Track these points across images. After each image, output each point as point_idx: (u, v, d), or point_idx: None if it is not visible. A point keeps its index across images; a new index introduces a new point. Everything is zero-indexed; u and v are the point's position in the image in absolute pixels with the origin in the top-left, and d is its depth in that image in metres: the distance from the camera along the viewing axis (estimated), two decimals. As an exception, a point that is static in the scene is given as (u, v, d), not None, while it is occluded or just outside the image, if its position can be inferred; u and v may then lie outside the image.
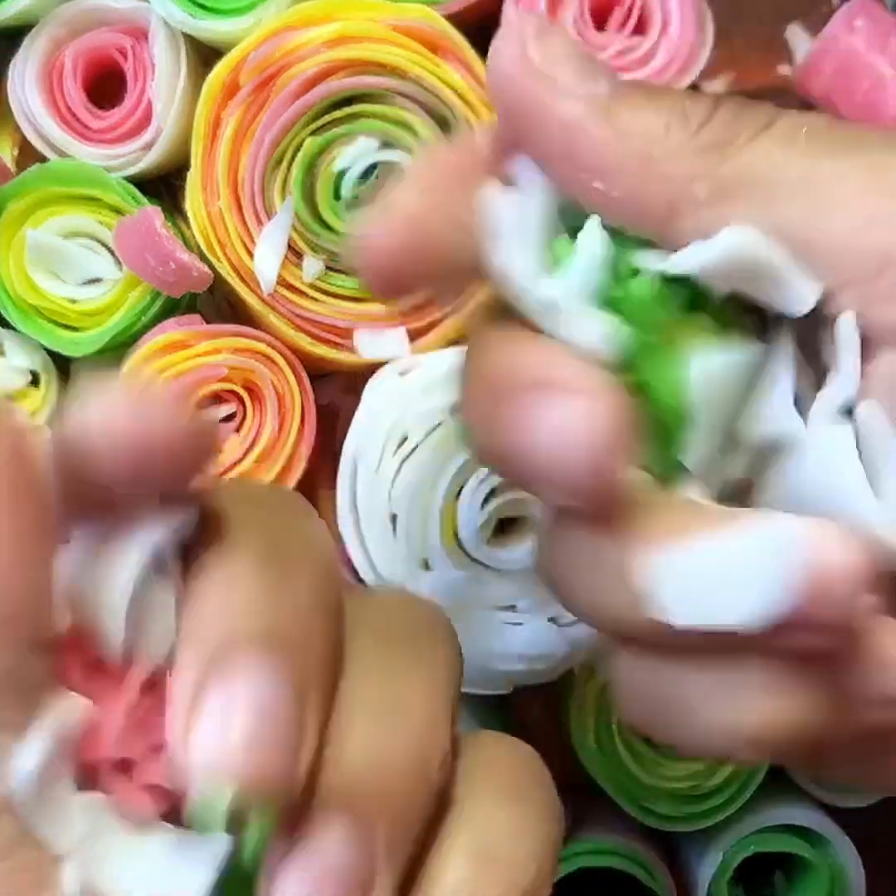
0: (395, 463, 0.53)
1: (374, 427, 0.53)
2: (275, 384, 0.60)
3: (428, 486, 0.53)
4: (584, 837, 0.60)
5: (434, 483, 0.53)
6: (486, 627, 0.54)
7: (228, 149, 0.57)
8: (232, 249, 0.58)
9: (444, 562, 0.53)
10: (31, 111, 0.61)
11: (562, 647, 0.53)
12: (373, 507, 0.53)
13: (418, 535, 0.53)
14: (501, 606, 0.55)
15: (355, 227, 0.48)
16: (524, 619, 0.54)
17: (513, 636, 0.54)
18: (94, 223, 0.61)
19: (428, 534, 0.53)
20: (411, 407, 0.53)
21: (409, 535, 0.53)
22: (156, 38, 0.61)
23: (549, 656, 0.53)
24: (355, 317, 0.58)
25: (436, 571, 0.53)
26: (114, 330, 0.60)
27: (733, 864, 0.60)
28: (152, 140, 0.61)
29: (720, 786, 0.59)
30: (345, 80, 0.56)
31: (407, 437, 0.53)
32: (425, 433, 0.53)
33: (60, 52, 0.62)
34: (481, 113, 0.57)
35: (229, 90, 0.57)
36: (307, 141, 0.56)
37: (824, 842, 0.60)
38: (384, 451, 0.53)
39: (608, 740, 0.59)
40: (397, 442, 0.53)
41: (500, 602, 0.54)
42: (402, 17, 0.56)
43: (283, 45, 0.56)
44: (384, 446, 0.53)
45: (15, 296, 0.61)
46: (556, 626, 0.54)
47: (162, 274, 0.59)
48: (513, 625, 0.54)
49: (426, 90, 0.57)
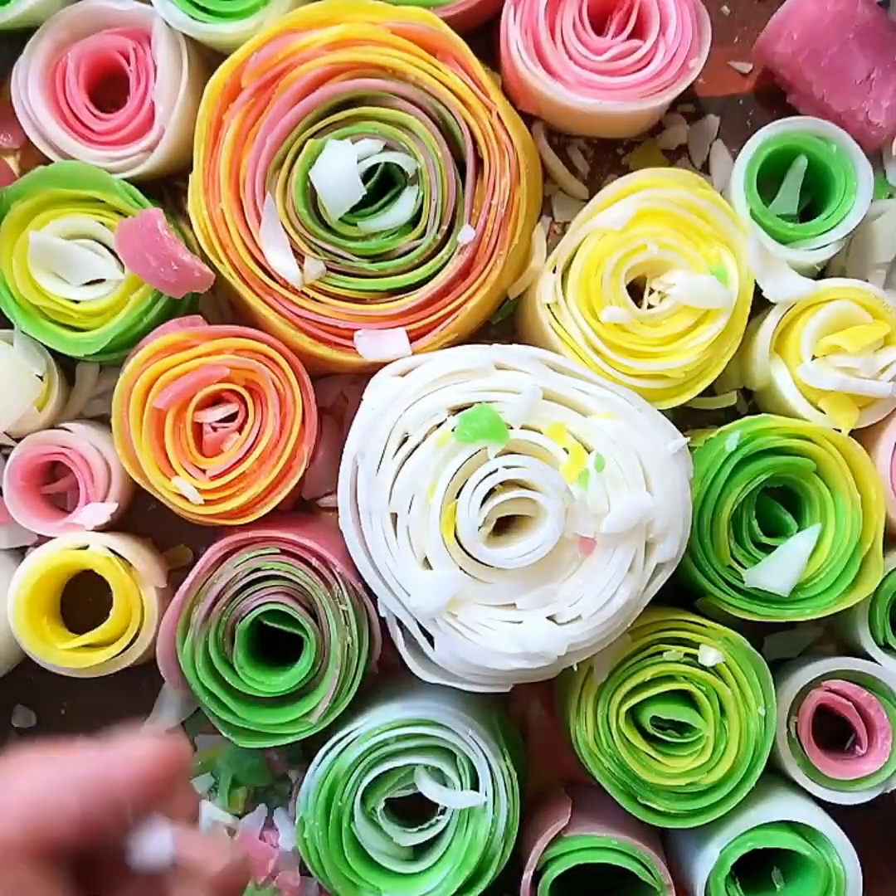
0: (395, 463, 0.54)
1: (375, 428, 0.54)
2: (276, 384, 0.60)
3: (428, 486, 0.53)
4: (582, 834, 0.61)
5: (434, 482, 0.53)
6: (486, 626, 0.55)
7: (230, 151, 0.57)
8: (234, 250, 0.58)
9: (445, 560, 0.54)
10: (34, 113, 0.62)
11: (561, 645, 0.54)
12: (374, 506, 0.54)
13: (418, 533, 0.54)
14: (501, 605, 0.55)
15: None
16: (524, 617, 0.54)
17: (512, 634, 0.54)
18: (97, 225, 0.61)
19: (428, 532, 0.54)
20: (411, 407, 0.54)
21: (409, 533, 0.54)
22: (158, 40, 0.62)
23: (549, 654, 0.54)
24: (356, 317, 0.59)
25: (436, 570, 0.54)
26: (116, 330, 0.61)
27: (731, 861, 0.60)
28: (154, 142, 0.62)
29: (717, 783, 0.60)
30: (345, 83, 0.56)
31: (407, 436, 0.54)
32: (425, 433, 0.53)
33: (63, 55, 0.62)
34: (480, 114, 0.57)
35: (231, 93, 0.57)
36: (308, 143, 0.57)
37: (821, 838, 0.60)
38: (385, 452, 0.54)
39: (607, 738, 0.59)
40: (398, 442, 0.54)
41: (500, 600, 0.55)
42: (402, 20, 0.56)
43: (285, 49, 0.56)
44: (385, 447, 0.54)
45: (18, 296, 0.61)
46: (556, 623, 0.54)
47: (163, 275, 0.59)
48: (512, 623, 0.55)
49: (426, 92, 0.57)
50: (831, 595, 0.59)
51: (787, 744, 0.62)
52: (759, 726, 0.59)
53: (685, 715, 0.59)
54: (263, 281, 0.58)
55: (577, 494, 0.53)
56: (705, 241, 0.59)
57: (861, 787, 0.62)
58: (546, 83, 0.59)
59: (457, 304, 0.59)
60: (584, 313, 0.59)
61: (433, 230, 0.58)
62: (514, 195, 0.58)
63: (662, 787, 0.59)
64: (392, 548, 0.54)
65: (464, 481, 0.53)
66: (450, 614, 0.54)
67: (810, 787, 0.62)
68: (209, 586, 0.59)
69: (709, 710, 0.59)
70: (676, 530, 0.54)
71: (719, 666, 0.59)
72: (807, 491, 0.59)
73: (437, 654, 0.55)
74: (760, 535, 0.59)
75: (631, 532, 0.53)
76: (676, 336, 0.59)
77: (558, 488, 0.53)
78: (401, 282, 0.58)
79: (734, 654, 0.59)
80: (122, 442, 0.60)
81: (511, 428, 0.53)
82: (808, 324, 0.60)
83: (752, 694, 0.59)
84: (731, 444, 0.58)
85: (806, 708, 0.62)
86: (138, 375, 0.59)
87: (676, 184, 0.60)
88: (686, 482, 0.55)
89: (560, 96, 0.59)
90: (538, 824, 0.62)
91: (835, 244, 0.62)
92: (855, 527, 0.59)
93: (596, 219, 0.59)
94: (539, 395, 0.53)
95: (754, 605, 0.59)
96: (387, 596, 0.55)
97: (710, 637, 0.59)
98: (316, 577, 0.59)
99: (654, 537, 0.54)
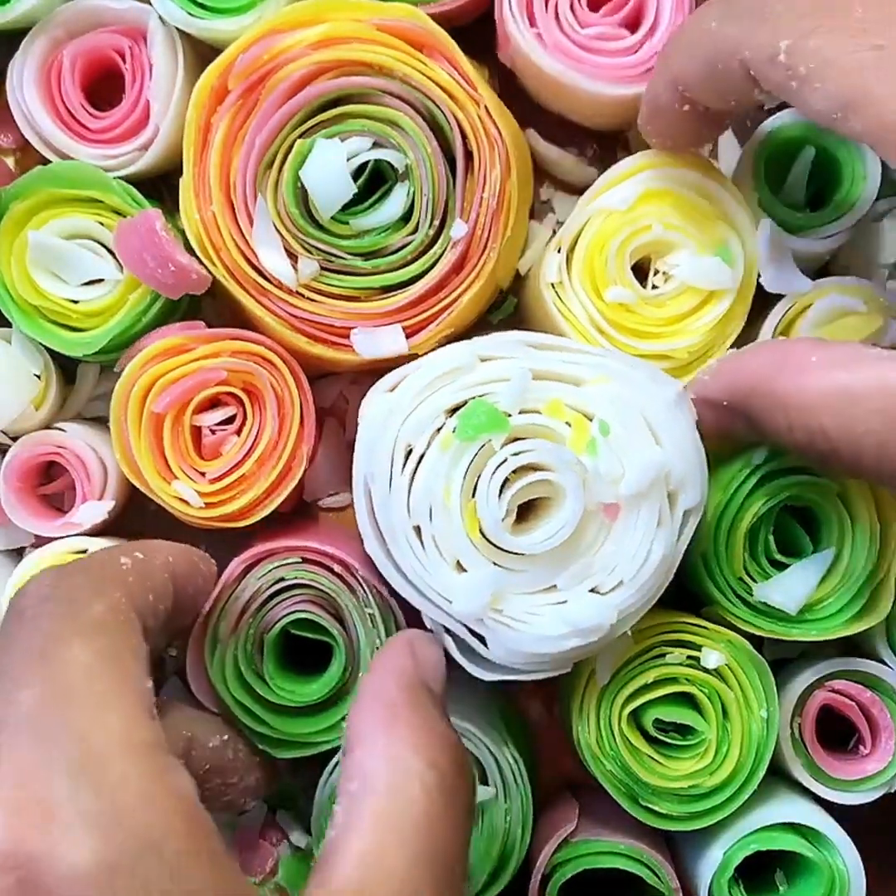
0: (406, 477, 0.53)
1: (377, 447, 0.53)
2: (274, 386, 0.60)
3: (443, 490, 0.52)
4: (589, 839, 0.61)
5: (448, 485, 0.52)
6: (532, 613, 0.54)
7: (219, 153, 0.57)
8: (227, 253, 0.58)
9: (476, 559, 0.53)
10: (30, 111, 0.62)
11: (610, 615, 0.53)
12: (395, 524, 0.53)
13: (445, 539, 0.53)
14: (542, 589, 0.54)
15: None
16: (567, 596, 0.53)
17: (560, 615, 0.53)
18: (96, 225, 0.61)
19: (454, 536, 0.53)
20: (408, 419, 0.53)
21: (436, 541, 0.53)
22: (154, 38, 0.61)
23: (600, 627, 0.53)
24: (351, 315, 0.58)
25: (470, 571, 0.53)
26: (114, 330, 0.61)
27: (734, 863, 0.59)
28: (150, 140, 0.61)
29: (720, 786, 0.59)
30: (333, 81, 0.56)
31: (411, 448, 0.53)
32: (428, 440, 0.53)
33: (59, 53, 0.62)
34: (468, 108, 0.56)
35: (218, 95, 0.57)
36: (297, 143, 0.56)
37: (825, 840, 0.60)
38: (392, 469, 0.53)
39: (609, 740, 0.58)
40: (403, 455, 0.53)
41: (540, 585, 0.54)
42: (387, 17, 0.55)
43: (270, 49, 0.55)
44: (392, 463, 0.53)
45: (17, 296, 0.61)
46: (599, 595, 0.53)
47: (160, 276, 0.59)
48: (557, 604, 0.54)
49: (413, 88, 0.56)
50: (838, 620, 0.58)
51: (790, 744, 0.61)
52: (761, 729, 0.59)
53: (688, 717, 0.59)
54: (258, 282, 0.58)
55: (590, 464, 0.52)
56: (711, 222, 0.58)
57: (865, 787, 0.62)
58: (525, 37, 0.58)
59: (451, 298, 0.58)
60: (588, 293, 0.59)
61: (425, 226, 0.57)
62: (505, 187, 0.57)
63: (664, 789, 0.59)
64: (423, 560, 0.53)
65: (476, 478, 0.53)
66: (494, 611, 0.53)
67: (814, 787, 0.61)
68: (234, 600, 0.59)
69: (711, 713, 0.59)
70: (694, 474, 0.53)
71: (722, 668, 0.58)
72: (827, 514, 0.58)
73: (491, 652, 0.54)
74: (775, 552, 0.58)
75: (651, 488, 0.52)
76: (681, 317, 0.59)
77: (570, 463, 0.52)
78: (395, 278, 0.58)
79: (737, 656, 0.58)
80: (122, 447, 0.60)
81: (509, 415, 0.52)
82: (805, 321, 0.59)
83: (755, 696, 0.58)
84: (757, 457, 0.56)
85: (809, 708, 0.61)
86: (135, 380, 0.59)
87: (684, 164, 0.58)
88: (692, 425, 0.54)
89: (533, 54, 0.58)
90: (544, 829, 0.62)
91: (845, 232, 0.61)
92: (871, 556, 0.57)
93: (601, 199, 0.59)
94: (529, 376, 0.52)
95: (760, 620, 0.58)
96: (429, 608, 0.54)
97: (713, 640, 0.58)
98: (340, 582, 0.59)
99: (675, 487, 0.53)
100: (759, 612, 0.58)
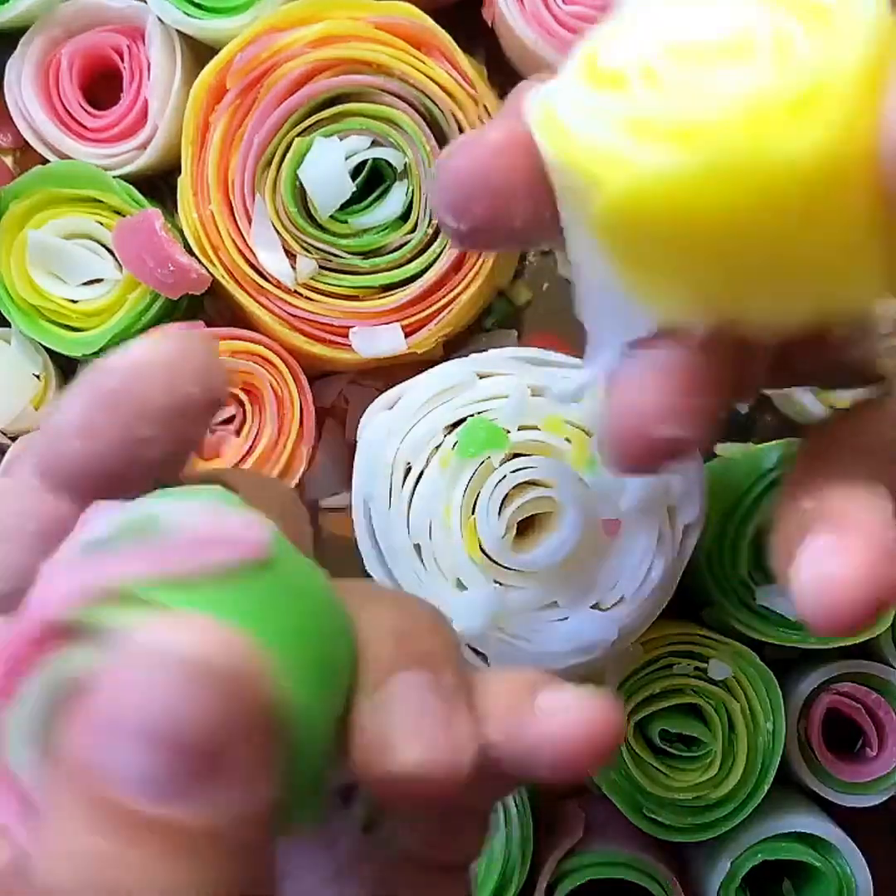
0: (405, 496, 0.52)
1: (377, 466, 0.52)
2: (273, 386, 0.59)
3: (443, 509, 0.52)
4: (594, 849, 0.60)
5: (448, 504, 0.52)
6: (534, 630, 0.53)
7: (218, 152, 0.56)
8: (225, 252, 0.57)
9: (477, 577, 0.52)
10: (28, 110, 0.61)
11: (612, 631, 0.52)
12: (395, 543, 0.53)
13: (445, 557, 0.53)
14: (543, 606, 0.53)
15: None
16: (568, 612, 0.53)
17: (562, 632, 0.53)
18: (95, 224, 0.61)
19: (454, 554, 0.52)
20: (406, 437, 0.52)
21: (436, 560, 0.53)
22: (152, 37, 0.61)
23: (603, 642, 0.52)
24: (350, 314, 0.58)
25: (471, 589, 0.52)
26: (114, 330, 0.60)
27: (741, 873, 0.59)
28: (148, 139, 0.61)
29: (725, 798, 0.58)
30: (331, 80, 0.55)
31: (410, 466, 0.52)
32: (427, 458, 0.52)
33: (57, 52, 0.61)
34: (467, 107, 0.55)
35: (216, 94, 0.56)
36: (295, 141, 0.56)
37: (832, 849, 0.59)
38: (392, 487, 0.52)
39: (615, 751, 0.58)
40: (402, 474, 0.52)
41: (541, 602, 0.53)
42: (385, 15, 0.55)
43: (268, 48, 0.55)
44: (391, 483, 0.52)
45: (16, 296, 0.61)
46: (600, 611, 0.53)
47: (160, 275, 0.58)
48: (558, 621, 0.53)
49: (412, 86, 0.55)
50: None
51: (797, 748, 0.60)
52: (767, 741, 0.58)
53: (694, 729, 0.58)
54: (256, 282, 0.57)
55: (590, 480, 0.51)
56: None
57: (873, 790, 0.61)
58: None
59: (451, 297, 0.58)
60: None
61: (424, 224, 0.57)
62: (504, 184, 0.56)
63: (669, 800, 0.58)
64: (423, 578, 0.53)
65: (476, 495, 0.52)
66: (496, 628, 0.53)
67: (821, 790, 0.61)
68: None
69: (717, 725, 0.58)
70: (694, 489, 0.52)
71: (728, 680, 0.58)
72: (833, 524, 0.57)
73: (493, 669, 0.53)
74: (780, 558, 0.57)
75: (651, 503, 0.51)
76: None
77: (570, 479, 0.51)
78: (393, 277, 0.57)
79: (744, 668, 0.58)
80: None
81: (508, 432, 0.52)
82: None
83: (761, 709, 0.58)
84: (769, 461, 0.56)
85: (815, 711, 0.60)
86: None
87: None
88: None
89: (509, 16, 0.57)
90: (550, 840, 0.61)
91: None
92: None
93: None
94: (527, 393, 0.52)
95: (760, 624, 0.57)
96: None
97: (720, 651, 0.58)
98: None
99: (675, 502, 0.52)
100: (759, 617, 0.57)
